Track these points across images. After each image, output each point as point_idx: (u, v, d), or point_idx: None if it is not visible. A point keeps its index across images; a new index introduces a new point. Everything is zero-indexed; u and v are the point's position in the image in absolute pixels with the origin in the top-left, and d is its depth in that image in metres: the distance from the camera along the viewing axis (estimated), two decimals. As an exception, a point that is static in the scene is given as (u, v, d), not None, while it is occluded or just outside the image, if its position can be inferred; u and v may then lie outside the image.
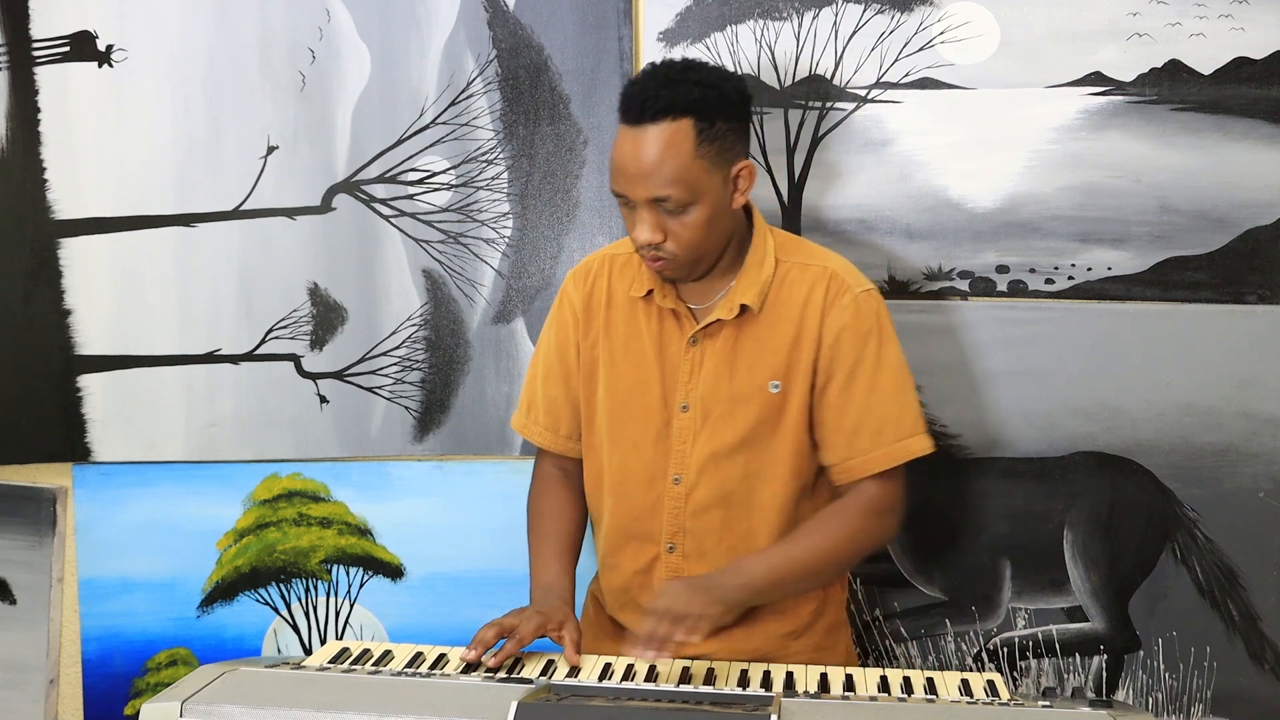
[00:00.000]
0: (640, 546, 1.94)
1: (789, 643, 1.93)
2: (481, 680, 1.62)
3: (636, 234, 1.79)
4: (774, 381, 1.87)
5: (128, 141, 2.43)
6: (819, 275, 1.88)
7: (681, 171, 1.74)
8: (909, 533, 2.35)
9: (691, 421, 1.90)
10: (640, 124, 1.75)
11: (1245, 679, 2.31)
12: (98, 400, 2.48)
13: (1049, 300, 2.29)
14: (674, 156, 1.74)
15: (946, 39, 2.26)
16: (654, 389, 1.91)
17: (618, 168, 1.77)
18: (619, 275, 1.96)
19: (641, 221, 1.78)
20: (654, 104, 1.74)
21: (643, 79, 1.79)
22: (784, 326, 1.87)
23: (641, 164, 1.74)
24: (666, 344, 1.91)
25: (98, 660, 2.53)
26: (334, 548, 2.49)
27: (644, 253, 1.82)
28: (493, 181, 2.39)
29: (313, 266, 2.43)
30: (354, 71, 2.39)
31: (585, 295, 1.97)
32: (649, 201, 1.76)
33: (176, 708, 1.48)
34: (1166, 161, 2.23)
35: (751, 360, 1.88)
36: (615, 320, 1.95)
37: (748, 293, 1.87)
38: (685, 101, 1.74)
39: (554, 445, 2.03)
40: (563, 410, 2.01)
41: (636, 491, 1.93)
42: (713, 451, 1.89)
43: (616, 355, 1.94)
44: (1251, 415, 2.26)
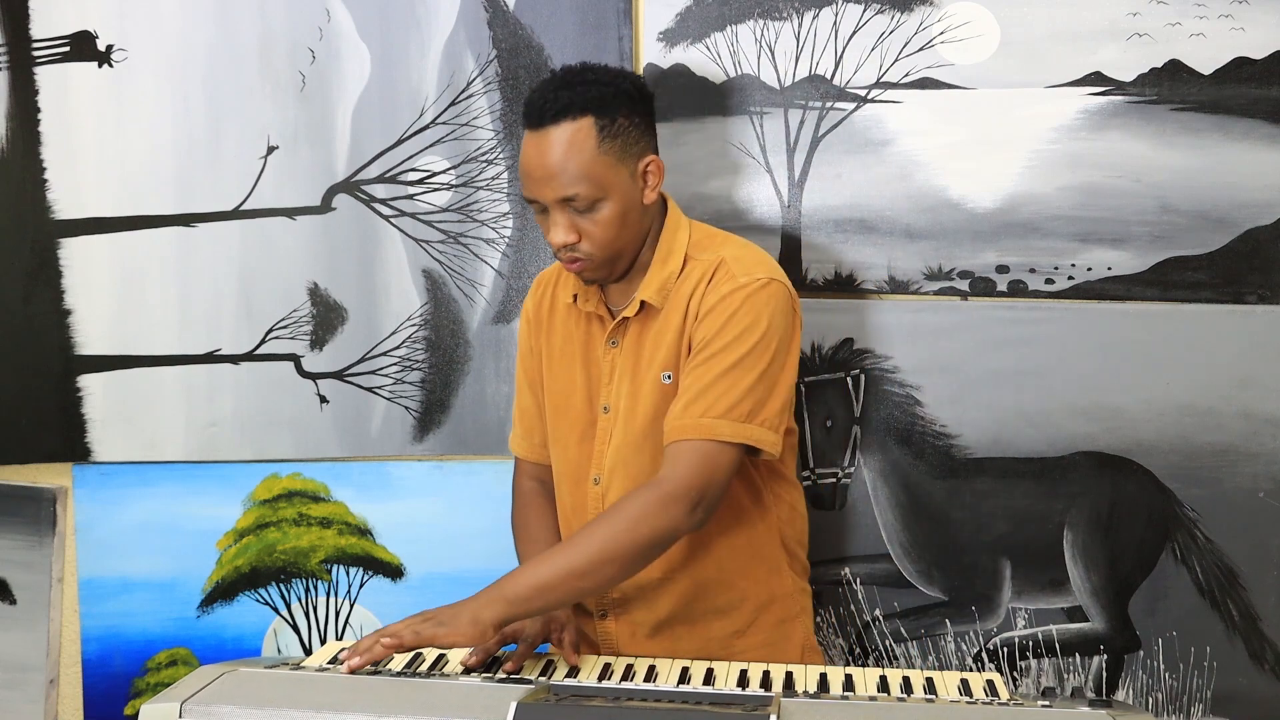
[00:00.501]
0: None
1: (734, 641, 1.93)
2: (481, 680, 1.61)
3: (552, 236, 1.81)
4: (666, 373, 1.87)
5: (128, 141, 2.43)
6: (710, 264, 1.86)
7: (586, 168, 1.77)
8: (909, 532, 2.35)
9: (609, 422, 1.91)
10: (542, 127, 1.78)
11: (1245, 679, 2.31)
12: (98, 400, 2.48)
13: (1049, 300, 2.28)
14: (577, 154, 1.77)
15: (946, 39, 2.26)
16: (580, 392, 1.94)
17: (525, 173, 1.80)
18: (562, 284, 1.99)
19: (555, 224, 1.80)
20: (553, 105, 1.77)
21: (541, 85, 1.82)
22: (674, 317, 1.87)
23: (547, 165, 1.77)
24: (591, 347, 1.94)
25: (98, 660, 2.53)
26: (334, 548, 2.49)
27: (562, 255, 1.83)
28: (493, 181, 2.39)
29: (313, 266, 2.43)
30: (354, 71, 2.39)
31: (537, 304, 2.03)
32: (559, 202, 1.79)
33: (176, 708, 1.47)
34: (1166, 161, 2.23)
35: (650, 355, 1.89)
36: (554, 327, 1.99)
37: (648, 289, 1.88)
38: (583, 100, 1.77)
39: (529, 453, 2.07)
40: (534, 420, 2.05)
41: (568, 494, 1.96)
42: (618, 448, 1.90)
43: (555, 361, 1.97)
44: (1251, 415, 2.26)
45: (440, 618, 1.66)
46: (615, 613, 1.94)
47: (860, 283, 2.31)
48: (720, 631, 1.93)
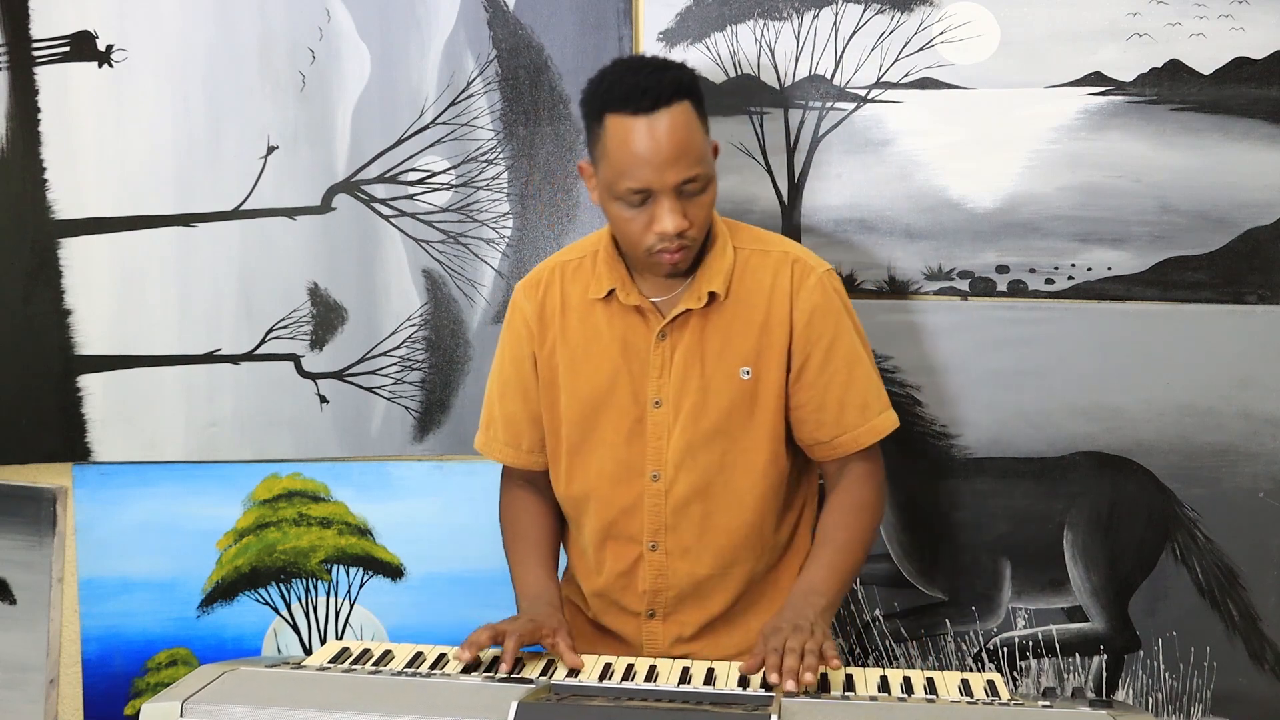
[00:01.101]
0: (622, 547, 1.93)
1: None
2: (481, 680, 1.61)
3: (662, 225, 1.76)
4: (744, 368, 1.87)
5: (128, 141, 2.43)
6: (781, 260, 1.89)
7: (700, 148, 1.76)
8: (909, 532, 2.35)
9: (665, 416, 1.89)
10: (655, 110, 1.73)
11: (1245, 679, 2.31)
12: (98, 400, 2.48)
13: (1049, 300, 2.29)
14: (692, 135, 1.75)
15: (946, 39, 2.26)
16: (624, 388, 1.90)
17: (637, 160, 1.73)
18: (572, 280, 1.94)
19: (670, 210, 1.75)
20: (664, 88, 1.73)
21: (632, 71, 1.77)
22: (750, 313, 1.87)
23: (672, 147, 1.73)
24: (632, 341, 1.90)
25: (98, 660, 2.53)
26: (334, 548, 2.49)
27: (666, 245, 1.78)
28: (493, 181, 2.39)
29: (313, 266, 2.43)
30: (354, 71, 2.39)
31: (538, 305, 1.95)
32: (677, 186, 1.75)
33: (176, 708, 1.47)
34: (1166, 161, 2.23)
35: (720, 348, 1.87)
36: (572, 325, 1.93)
37: (715, 280, 1.86)
38: (682, 83, 1.76)
39: (516, 460, 2.02)
40: (522, 425, 1.99)
41: (615, 492, 1.92)
42: (688, 443, 1.88)
43: (578, 359, 1.92)
44: (1251, 415, 2.26)
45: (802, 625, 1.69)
46: (665, 612, 1.94)
47: (860, 283, 2.31)
48: (758, 624, 1.92)
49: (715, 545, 1.90)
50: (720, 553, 1.91)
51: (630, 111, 1.73)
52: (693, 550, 1.91)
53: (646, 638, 1.95)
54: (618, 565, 1.94)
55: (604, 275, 1.91)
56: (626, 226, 1.80)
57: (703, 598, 1.93)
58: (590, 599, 2.00)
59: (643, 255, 1.81)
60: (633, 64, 1.81)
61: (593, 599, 2.00)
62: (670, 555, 1.91)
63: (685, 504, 1.89)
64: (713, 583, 1.92)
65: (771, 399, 1.88)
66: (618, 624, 1.97)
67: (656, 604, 1.93)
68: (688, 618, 1.93)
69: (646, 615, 1.94)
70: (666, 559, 1.91)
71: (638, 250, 1.81)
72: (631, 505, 1.91)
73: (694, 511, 1.90)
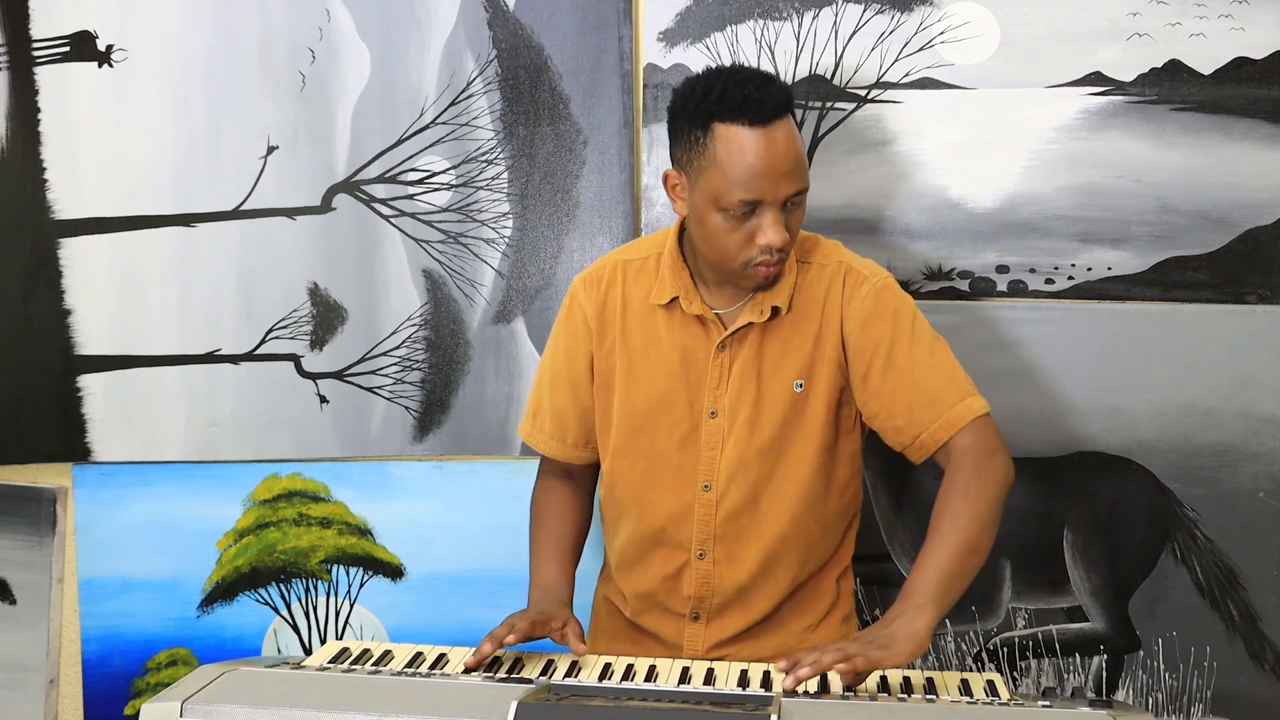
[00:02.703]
0: (669, 553, 1.93)
1: (808, 635, 1.95)
2: (481, 680, 1.61)
3: (768, 239, 1.74)
4: (798, 381, 1.87)
5: (128, 141, 2.43)
6: (835, 271, 1.88)
7: (804, 162, 1.76)
8: (909, 531, 2.35)
9: (720, 427, 1.88)
10: (771, 122, 1.72)
11: (1245, 679, 2.31)
12: (98, 400, 2.48)
13: (1049, 300, 2.29)
14: (801, 149, 1.75)
15: (946, 39, 2.26)
16: (680, 396, 1.89)
17: (756, 172, 1.71)
18: (634, 282, 1.93)
19: (774, 224, 1.74)
20: (776, 101, 1.72)
21: (742, 81, 1.74)
22: (806, 326, 1.86)
23: (786, 160, 1.72)
24: (692, 350, 1.89)
25: (98, 660, 2.53)
26: (334, 548, 2.49)
27: (766, 258, 1.76)
28: (493, 181, 2.39)
29: (313, 266, 2.43)
30: (354, 71, 2.39)
31: (599, 303, 1.94)
32: (785, 200, 1.74)
33: (176, 708, 1.47)
34: (1166, 161, 2.23)
35: (776, 362, 1.87)
36: (632, 328, 1.92)
37: (779, 295, 1.85)
38: (788, 96, 1.76)
39: (560, 454, 2.02)
40: (570, 419, 1.99)
41: (665, 499, 1.91)
42: (741, 456, 1.88)
43: (635, 363, 1.91)
44: (1251, 415, 2.26)
45: (878, 640, 1.61)
46: (709, 616, 1.94)
47: (860, 283, 2.31)
48: (797, 626, 1.94)
49: (761, 554, 1.90)
50: (766, 561, 1.90)
51: (746, 122, 1.72)
52: (739, 559, 1.91)
53: (688, 639, 1.95)
54: (664, 569, 1.94)
55: (667, 281, 1.89)
56: (725, 238, 1.77)
57: (746, 603, 1.93)
58: (632, 599, 1.99)
59: (737, 268, 1.79)
60: (739, 74, 1.77)
61: (635, 599, 1.99)
62: (717, 564, 1.91)
63: (735, 515, 1.89)
64: (756, 589, 1.92)
65: (821, 410, 1.87)
66: (659, 624, 1.97)
67: (701, 609, 1.94)
68: (730, 622, 1.94)
69: (691, 618, 1.94)
70: (713, 567, 1.92)
71: (733, 263, 1.79)
72: (681, 513, 1.91)
73: (744, 522, 1.90)
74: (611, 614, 2.05)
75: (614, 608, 2.04)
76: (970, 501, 1.76)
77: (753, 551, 1.90)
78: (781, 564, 1.92)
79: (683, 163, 1.79)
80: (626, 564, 1.99)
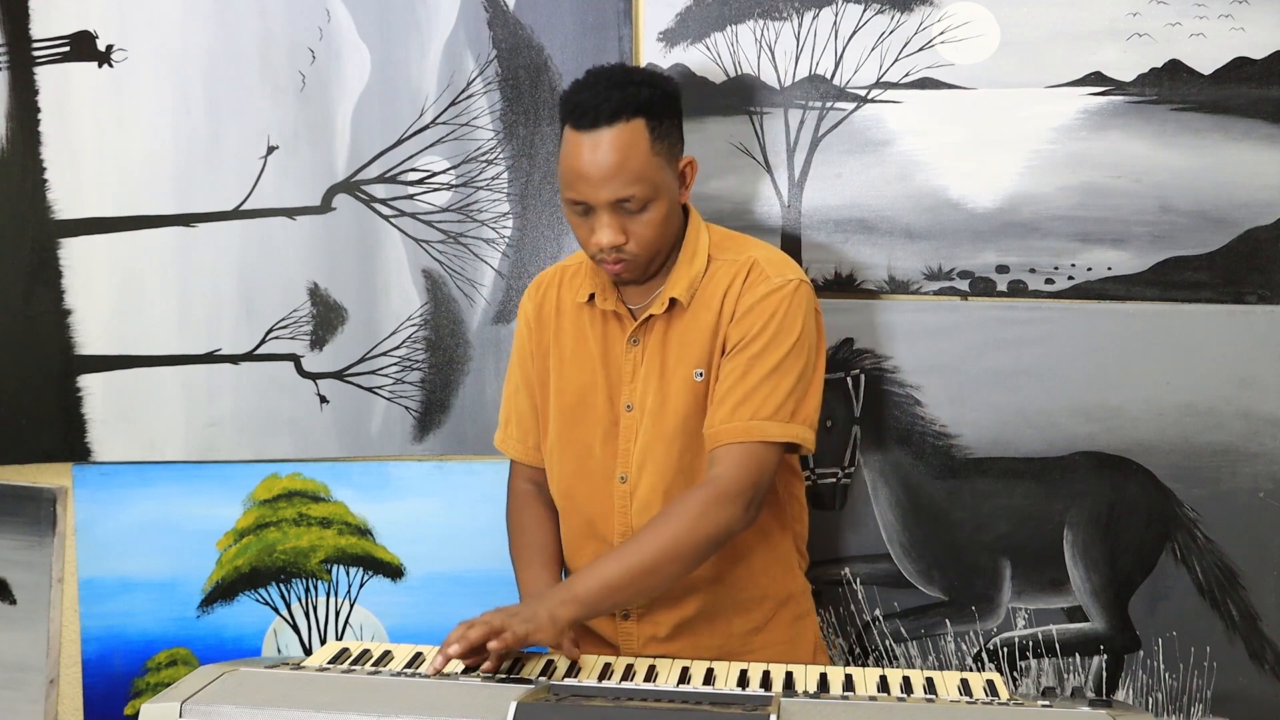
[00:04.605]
0: (597, 547, 1.95)
1: (752, 638, 1.95)
2: (481, 680, 1.61)
3: (598, 238, 1.81)
4: (698, 370, 1.89)
5: (128, 141, 2.43)
6: (741, 265, 1.90)
7: (642, 170, 1.78)
8: (909, 532, 2.35)
9: (634, 420, 1.92)
10: (595, 128, 1.77)
11: (1245, 679, 2.31)
12: (98, 400, 2.48)
13: (1049, 300, 2.28)
14: (634, 156, 1.78)
15: (946, 39, 2.26)
16: (600, 391, 1.93)
17: (575, 174, 1.79)
18: (569, 284, 1.99)
19: (603, 225, 1.80)
20: (608, 106, 1.77)
21: (585, 85, 1.82)
22: (706, 316, 1.89)
23: (603, 167, 1.77)
24: (610, 346, 1.94)
25: (98, 660, 2.53)
26: (334, 548, 2.49)
27: (604, 256, 1.83)
28: (493, 181, 2.39)
29: (313, 266, 2.43)
30: (354, 71, 2.39)
31: (537, 306, 2.01)
32: (612, 204, 1.79)
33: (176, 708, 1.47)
34: (1166, 161, 2.23)
35: (679, 353, 1.90)
36: (564, 328, 1.98)
37: (677, 287, 1.89)
38: (636, 102, 1.78)
39: (525, 456, 2.06)
40: (530, 422, 2.04)
41: (591, 494, 1.95)
42: (648, 446, 1.90)
43: (565, 361, 1.97)
44: (1251, 415, 2.26)
45: (522, 615, 1.65)
46: (639, 612, 1.94)
47: (860, 283, 2.31)
48: (740, 628, 1.94)
49: None
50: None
51: (574, 126, 1.80)
52: None
53: (622, 638, 1.96)
54: None
55: (587, 280, 1.95)
56: (577, 233, 1.87)
57: (674, 599, 1.92)
58: None
59: (593, 262, 1.88)
60: (591, 77, 1.84)
61: None
62: None
63: (648, 505, 1.91)
64: (682, 584, 1.89)
65: None
66: (597, 623, 1.98)
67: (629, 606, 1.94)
68: (661, 618, 1.94)
69: (620, 616, 1.95)
70: None
71: (590, 257, 1.87)
72: (604, 507, 1.95)
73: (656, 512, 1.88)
74: None
75: None
76: (678, 536, 1.76)
77: None
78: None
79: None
80: (569, 559, 2.02)
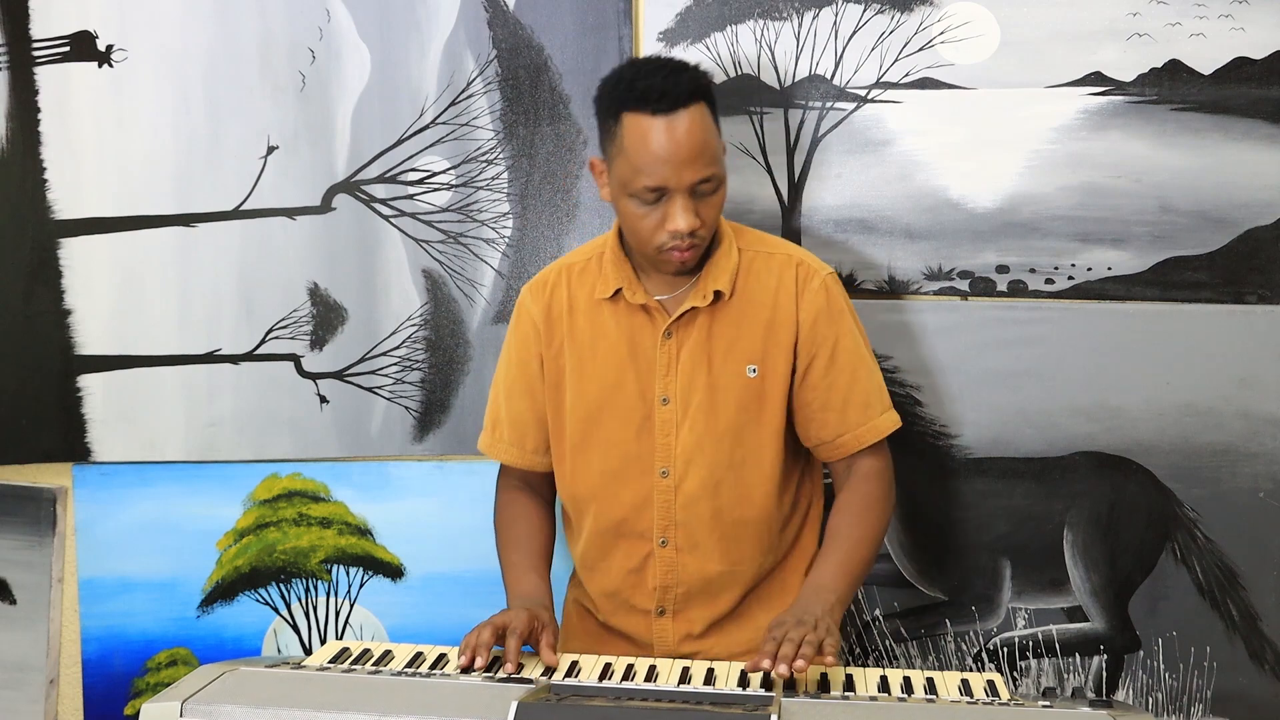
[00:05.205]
0: (631, 545, 1.95)
1: None
2: (481, 680, 1.62)
3: (675, 224, 1.79)
4: (751, 366, 1.90)
5: (128, 141, 2.43)
6: (785, 262, 1.93)
7: (714, 149, 1.81)
8: (909, 532, 2.35)
9: (673, 414, 1.91)
10: (674, 111, 1.77)
11: (1245, 679, 2.31)
12: (98, 400, 2.48)
13: (1049, 300, 2.28)
14: (709, 136, 1.80)
15: (946, 39, 2.26)
16: (630, 385, 1.92)
17: (655, 159, 1.77)
18: (578, 282, 1.98)
19: (683, 209, 1.79)
20: (682, 90, 1.77)
21: (652, 71, 1.80)
22: (757, 311, 1.90)
23: (688, 148, 1.77)
24: (639, 340, 1.93)
25: (98, 660, 2.53)
26: (334, 548, 2.49)
27: (677, 243, 1.81)
28: (493, 181, 2.39)
29: (313, 266, 2.43)
30: (354, 71, 2.39)
31: (545, 306, 1.99)
32: (691, 186, 1.79)
33: (176, 708, 1.48)
34: (1166, 161, 2.23)
35: (727, 347, 1.90)
36: (579, 325, 1.96)
37: (721, 279, 1.89)
38: (699, 85, 1.81)
39: (520, 461, 2.04)
40: (529, 425, 2.02)
41: (623, 489, 1.94)
42: (698, 441, 1.90)
43: (584, 358, 1.95)
44: (1251, 415, 2.26)
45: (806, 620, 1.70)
46: (674, 609, 1.95)
47: (860, 283, 2.31)
48: (766, 621, 1.94)
49: (724, 541, 1.93)
50: (729, 548, 1.93)
51: (649, 111, 1.77)
52: (702, 546, 1.93)
53: (657, 635, 1.96)
54: (628, 563, 1.96)
55: (610, 275, 1.93)
56: (639, 223, 1.83)
57: (712, 595, 1.94)
58: (600, 600, 2.01)
59: (652, 253, 1.85)
60: (650, 64, 1.83)
61: (602, 599, 2.01)
62: (680, 551, 1.93)
63: (695, 500, 1.92)
64: (722, 579, 1.94)
65: (777, 397, 1.91)
66: (628, 624, 1.98)
67: (666, 601, 1.95)
68: (696, 615, 1.95)
69: (656, 613, 1.96)
70: (677, 555, 1.94)
71: (648, 248, 1.84)
72: (641, 502, 1.93)
73: (703, 508, 1.92)
74: (582, 617, 2.06)
75: (584, 610, 2.06)
76: (883, 522, 1.94)
77: (715, 536, 1.92)
78: (744, 550, 1.94)
79: (604, 151, 1.86)
80: (590, 563, 2.01)
